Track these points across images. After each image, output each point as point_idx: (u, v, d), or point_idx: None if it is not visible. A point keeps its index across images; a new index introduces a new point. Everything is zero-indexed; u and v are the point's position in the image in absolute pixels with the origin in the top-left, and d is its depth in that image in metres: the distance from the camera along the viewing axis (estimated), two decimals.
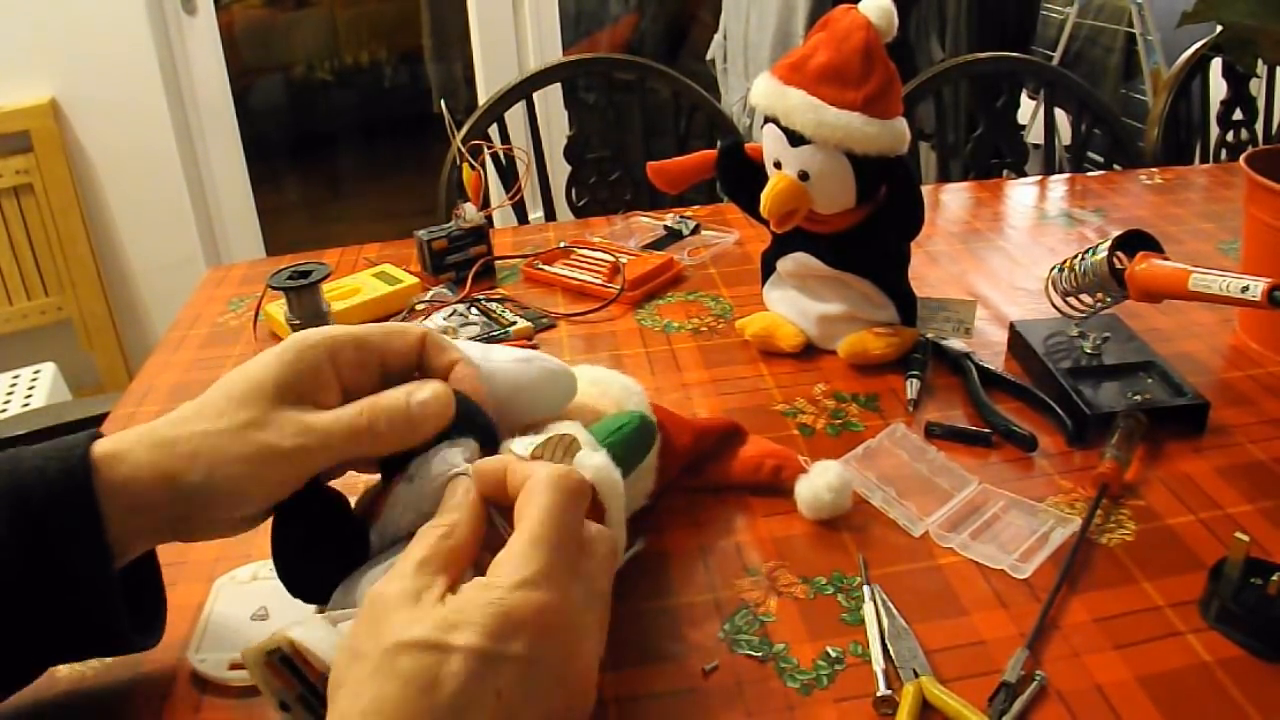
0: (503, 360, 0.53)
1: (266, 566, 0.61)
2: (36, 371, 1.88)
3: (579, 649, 0.40)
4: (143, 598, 0.50)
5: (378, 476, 0.49)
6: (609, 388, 0.62)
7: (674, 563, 0.61)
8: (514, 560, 0.39)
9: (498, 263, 1.06)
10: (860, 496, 0.67)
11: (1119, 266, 0.76)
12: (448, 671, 0.36)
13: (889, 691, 0.51)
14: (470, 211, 1.02)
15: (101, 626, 0.45)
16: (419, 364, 0.50)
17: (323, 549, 0.47)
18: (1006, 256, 1.07)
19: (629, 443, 0.56)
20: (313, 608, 0.48)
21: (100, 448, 0.44)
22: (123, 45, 2.17)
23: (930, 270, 1.02)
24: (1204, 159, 1.64)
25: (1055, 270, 0.83)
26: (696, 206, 1.23)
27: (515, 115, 1.48)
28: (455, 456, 0.46)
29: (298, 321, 0.88)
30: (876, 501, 0.66)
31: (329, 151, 4.10)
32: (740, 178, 0.85)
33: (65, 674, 0.55)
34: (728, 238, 1.12)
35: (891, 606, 0.57)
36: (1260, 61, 1.53)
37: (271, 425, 0.44)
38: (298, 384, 0.46)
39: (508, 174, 1.49)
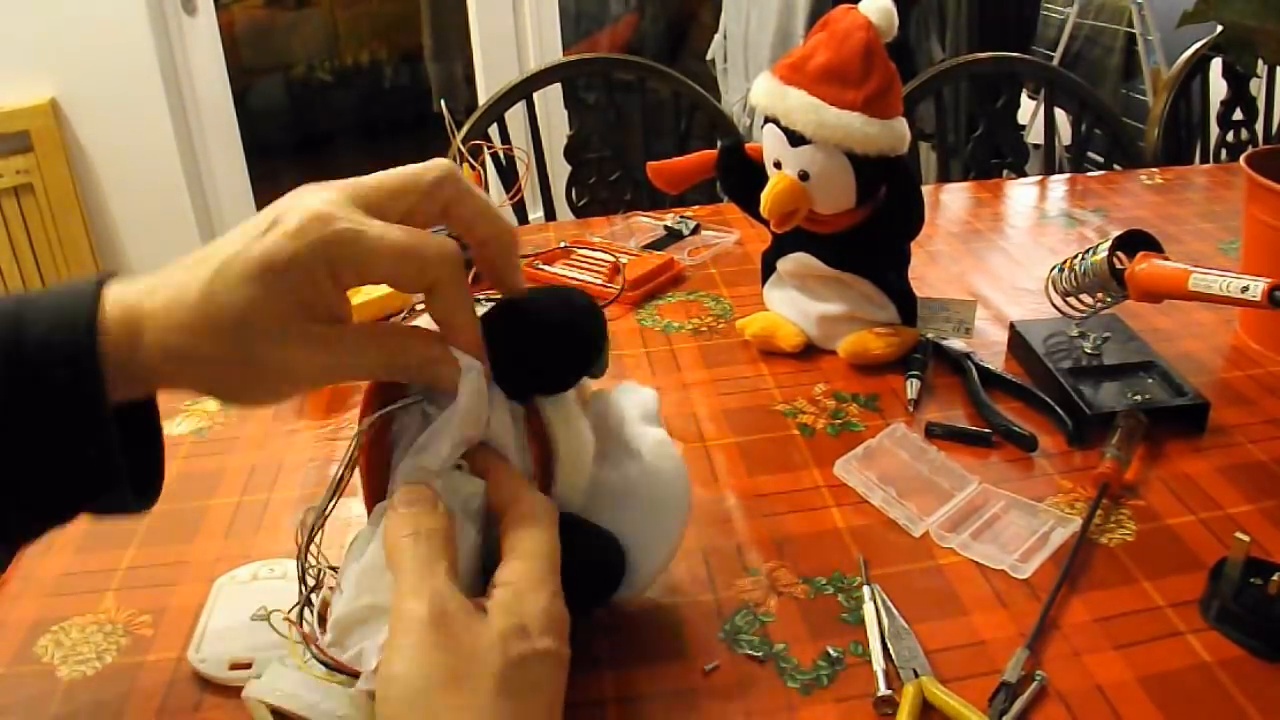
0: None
1: (267, 566, 0.61)
2: None
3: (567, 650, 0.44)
4: (144, 460, 0.47)
5: None
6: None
7: (674, 563, 0.61)
8: (542, 568, 0.43)
9: None
10: (860, 496, 0.67)
11: (1119, 266, 0.76)
12: (545, 676, 0.41)
13: (889, 691, 0.51)
14: None
15: (96, 467, 0.42)
16: (444, 206, 0.46)
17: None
18: (1007, 256, 1.07)
19: None
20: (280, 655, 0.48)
21: (117, 308, 0.42)
22: (123, 45, 2.17)
23: (930, 270, 1.02)
24: (1204, 159, 1.64)
25: (1055, 270, 0.83)
26: (696, 206, 1.23)
27: (515, 115, 1.48)
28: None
29: None
30: (876, 501, 0.66)
31: (329, 151, 4.10)
32: (740, 178, 0.85)
33: (65, 674, 0.55)
34: (728, 238, 1.12)
35: (891, 606, 0.57)
36: (1260, 61, 1.53)
37: (292, 354, 0.42)
38: (301, 300, 0.42)
39: (508, 174, 1.49)
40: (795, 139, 0.76)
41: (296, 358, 0.43)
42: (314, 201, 0.42)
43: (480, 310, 0.48)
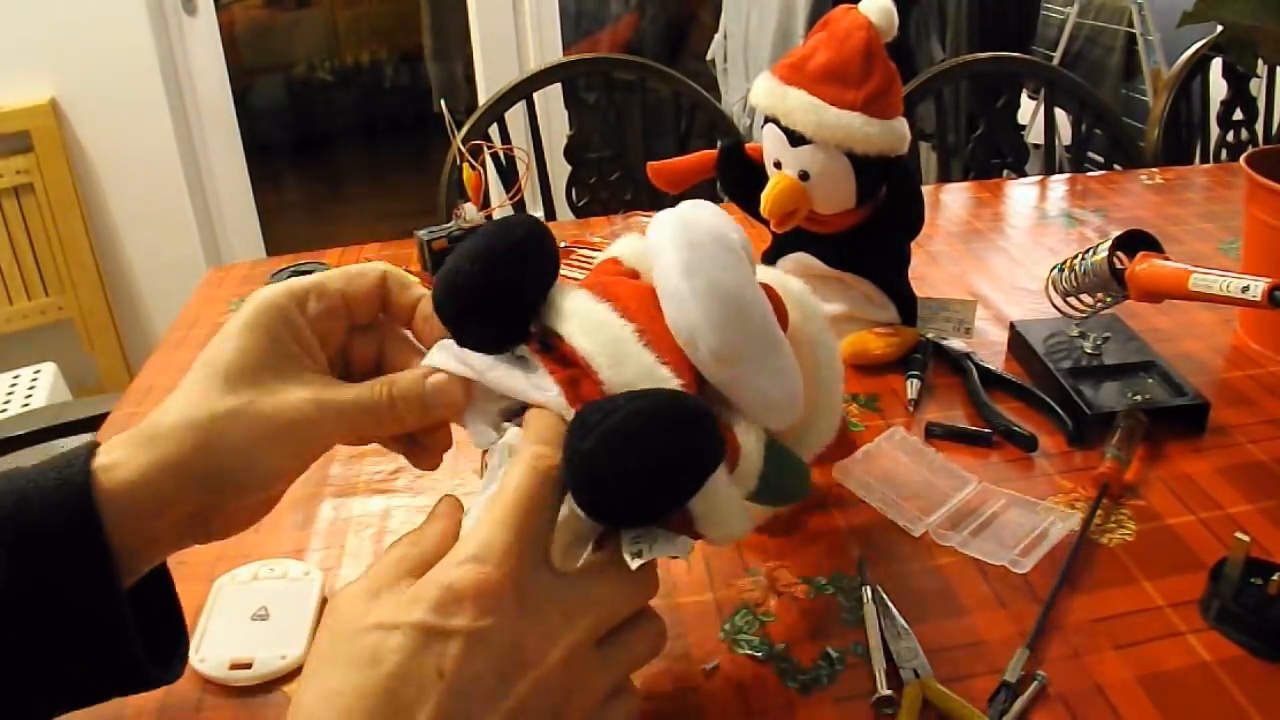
0: None
1: (267, 566, 0.61)
2: (37, 371, 1.88)
3: (543, 633, 0.37)
4: (161, 630, 0.47)
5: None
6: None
7: (674, 563, 0.61)
8: (467, 538, 0.38)
9: None
10: (860, 497, 0.67)
11: (1119, 266, 0.76)
12: (388, 647, 0.35)
13: (889, 691, 0.51)
14: (470, 211, 1.02)
15: (113, 656, 0.41)
16: (384, 304, 0.48)
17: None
18: (1007, 256, 1.07)
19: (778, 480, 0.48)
20: None
21: (98, 459, 0.41)
22: (123, 45, 2.17)
23: (930, 270, 1.02)
24: (1204, 159, 1.64)
25: (1055, 270, 0.83)
26: None
27: (515, 115, 1.48)
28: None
29: None
30: (875, 502, 0.66)
31: (329, 151, 4.10)
32: (740, 178, 0.85)
33: None
34: None
35: (891, 606, 0.57)
36: (1260, 61, 1.53)
37: (281, 400, 0.42)
38: (283, 348, 0.44)
39: (508, 174, 1.49)
40: (795, 139, 0.76)
41: (291, 394, 0.43)
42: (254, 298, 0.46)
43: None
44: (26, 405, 1.77)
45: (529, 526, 0.38)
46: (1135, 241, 0.76)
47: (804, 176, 0.77)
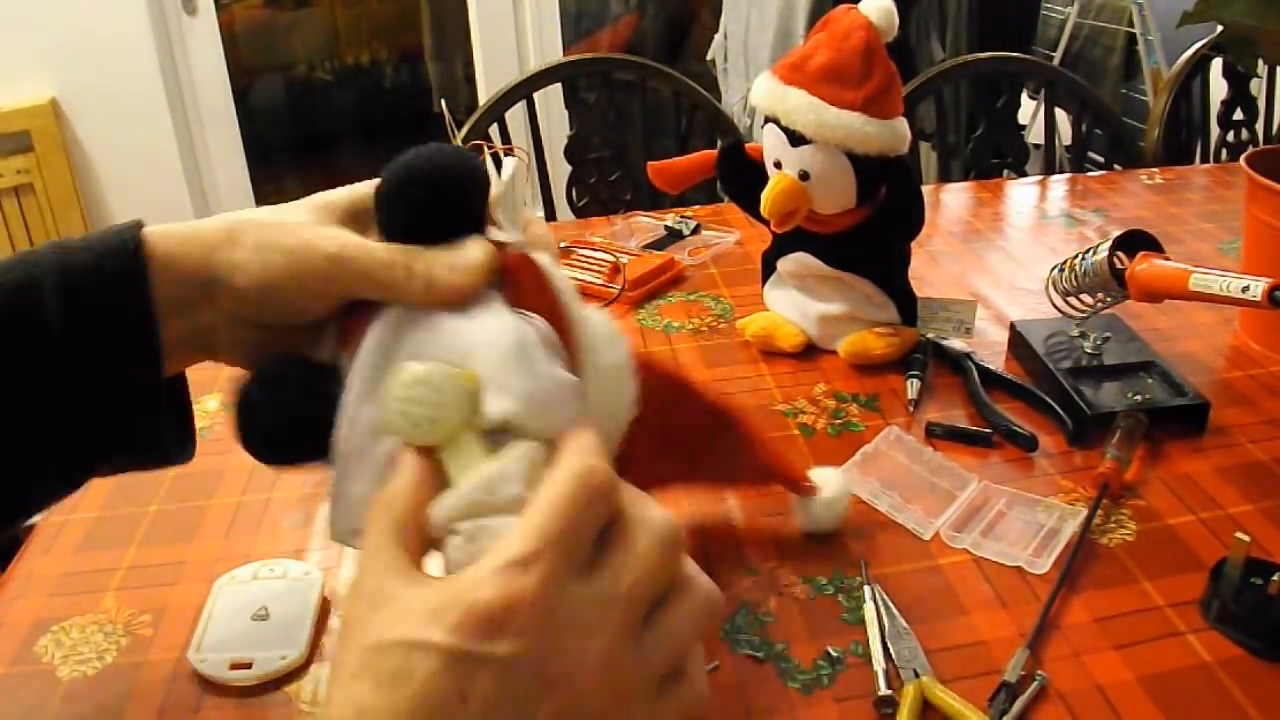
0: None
1: (266, 566, 0.62)
2: None
3: (573, 647, 0.35)
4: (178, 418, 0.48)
5: None
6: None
7: None
8: (501, 546, 0.35)
9: None
10: (860, 498, 0.67)
11: (1119, 266, 0.76)
12: (414, 668, 0.33)
13: (889, 691, 0.51)
14: None
15: (144, 420, 0.44)
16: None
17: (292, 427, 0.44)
18: (1007, 256, 1.07)
19: None
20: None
21: (149, 231, 0.44)
22: (123, 45, 2.17)
23: (930, 270, 1.02)
24: (1204, 159, 1.64)
25: (1056, 270, 0.83)
26: (697, 206, 1.23)
27: (516, 115, 1.48)
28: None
29: None
30: (883, 507, 0.66)
31: (329, 151, 4.10)
32: (740, 178, 0.85)
33: (65, 674, 0.55)
34: (728, 238, 1.12)
35: (891, 606, 0.57)
36: (1260, 61, 1.53)
37: (321, 231, 0.44)
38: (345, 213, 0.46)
39: None
40: (795, 139, 0.76)
41: (318, 240, 0.44)
42: None
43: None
44: None
45: (566, 537, 0.35)
46: (1135, 241, 0.76)
47: (804, 176, 0.77)
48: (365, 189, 0.47)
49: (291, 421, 0.44)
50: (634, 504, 0.38)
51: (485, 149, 0.52)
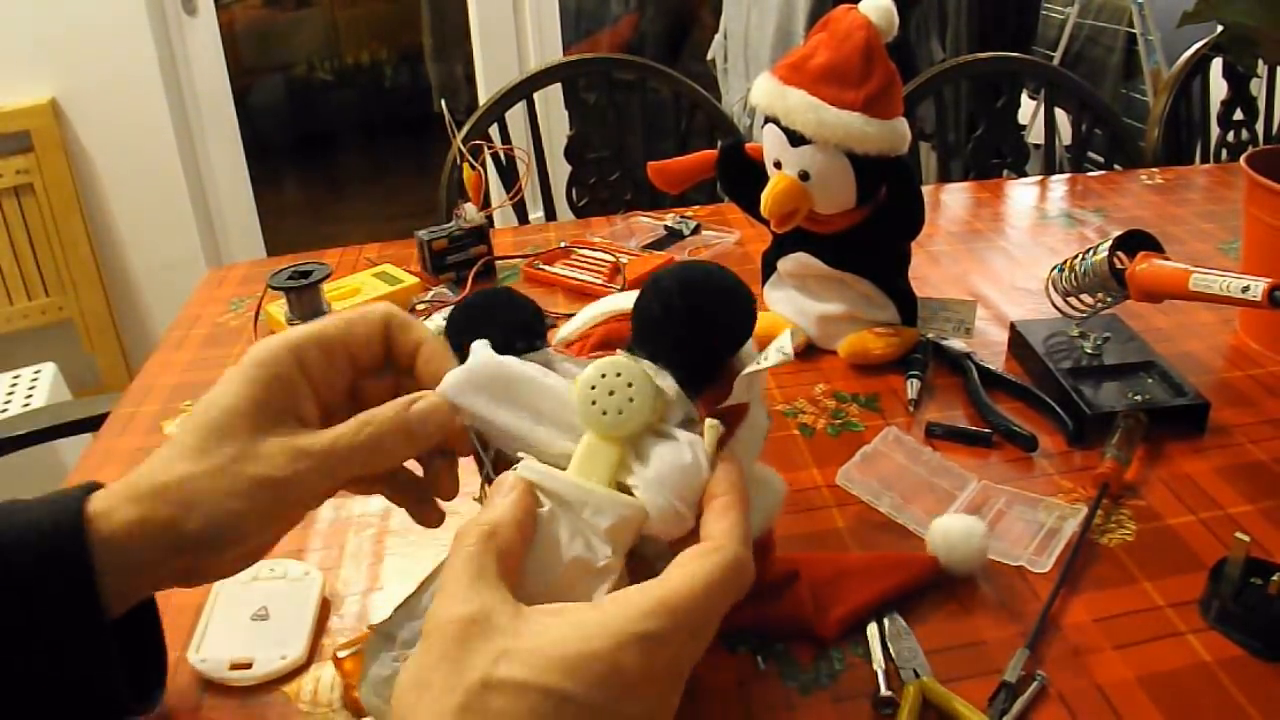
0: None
1: (267, 566, 0.61)
2: (37, 371, 1.88)
3: (671, 705, 0.37)
4: (142, 657, 0.47)
5: (372, 498, 0.46)
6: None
7: None
8: (644, 609, 0.35)
9: (498, 263, 1.06)
10: (859, 499, 0.67)
11: (1119, 266, 0.76)
12: (543, 716, 0.33)
13: (889, 692, 0.51)
14: (471, 211, 1.02)
15: (96, 691, 0.41)
16: (387, 346, 0.46)
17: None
18: (1007, 256, 1.07)
19: None
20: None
21: (92, 504, 0.41)
22: (123, 45, 2.17)
23: (930, 270, 1.02)
24: (1204, 159, 1.64)
25: (1056, 270, 0.83)
26: (697, 206, 1.23)
27: (516, 115, 1.48)
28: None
29: (298, 321, 0.88)
30: (883, 507, 0.66)
31: (329, 151, 4.10)
32: (740, 178, 0.85)
33: None
34: (728, 238, 1.12)
35: (892, 607, 0.57)
36: (1260, 61, 1.53)
37: (262, 456, 0.41)
38: (272, 403, 0.43)
39: (508, 174, 1.49)
40: (795, 139, 0.76)
41: (270, 448, 0.41)
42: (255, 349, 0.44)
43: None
44: (27, 405, 1.77)
45: (696, 625, 0.36)
46: (1135, 241, 0.76)
47: (804, 176, 0.77)
48: (254, 374, 0.43)
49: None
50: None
51: (485, 149, 0.52)
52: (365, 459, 0.43)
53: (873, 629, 0.55)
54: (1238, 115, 1.65)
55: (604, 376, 0.40)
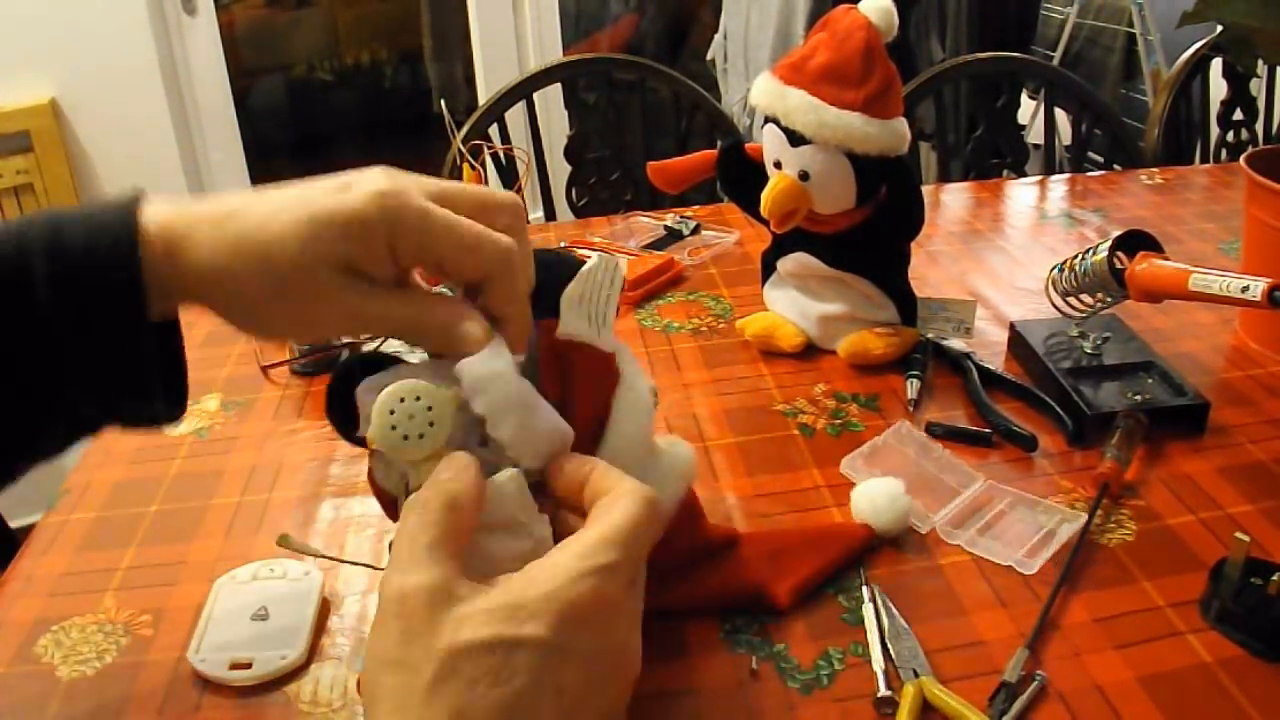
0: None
1: (267, 566, 0.61)
2: None
3: (631, 644, 0.40)
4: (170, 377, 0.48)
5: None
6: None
7: None
8: (584, 549, 0.38)
9: None
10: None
11: (1119, 266, 0.76)
12: (513, 666, 0.35)
13: (889, 692, 0.51)
14: None
15: (135, 383, 0.44)
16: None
17: None
18: (1007, 256, 1.07)
19: None
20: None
21: (157, 219, 0.43)
22: (123, 45, 2.17)
23: (930, 270, 1.02)
24: (1204, 159, 1.64)
25: (1055, 270, 0.83)
26: (696, 206, 1.23)
27: (515, 115, 1.48)
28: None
29: None
30: None
31: (329, 152, 4.09)
32: (740, 178, 0.85)
33: (65, 674, 0.55)
34: (728, 238, 1.12)
35: (891, 606, 0.57)
36: (1260, 61, 1.53)
37: (325, 296, 0.42)
38: (348, 256, 0.43)
39: (508, 174, 1.49)
40: (795, 139, 0.76)
41: (327, 302, 0.43)
42: (388, 178, 0.43)
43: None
44: None
45: (634, 555, 0.39)
46: (1135, 241, 0.76)
47: (804, 176, 0.77)
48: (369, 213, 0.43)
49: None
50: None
51: (485, 149, 0.53)
52: (407, 337, 0.45)
53: (873, 629, 0.55)
54: (1238, 115, 1.65)
55: (402, 401, 0.40)
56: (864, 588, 0.58)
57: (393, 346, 0.48)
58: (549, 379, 0.47)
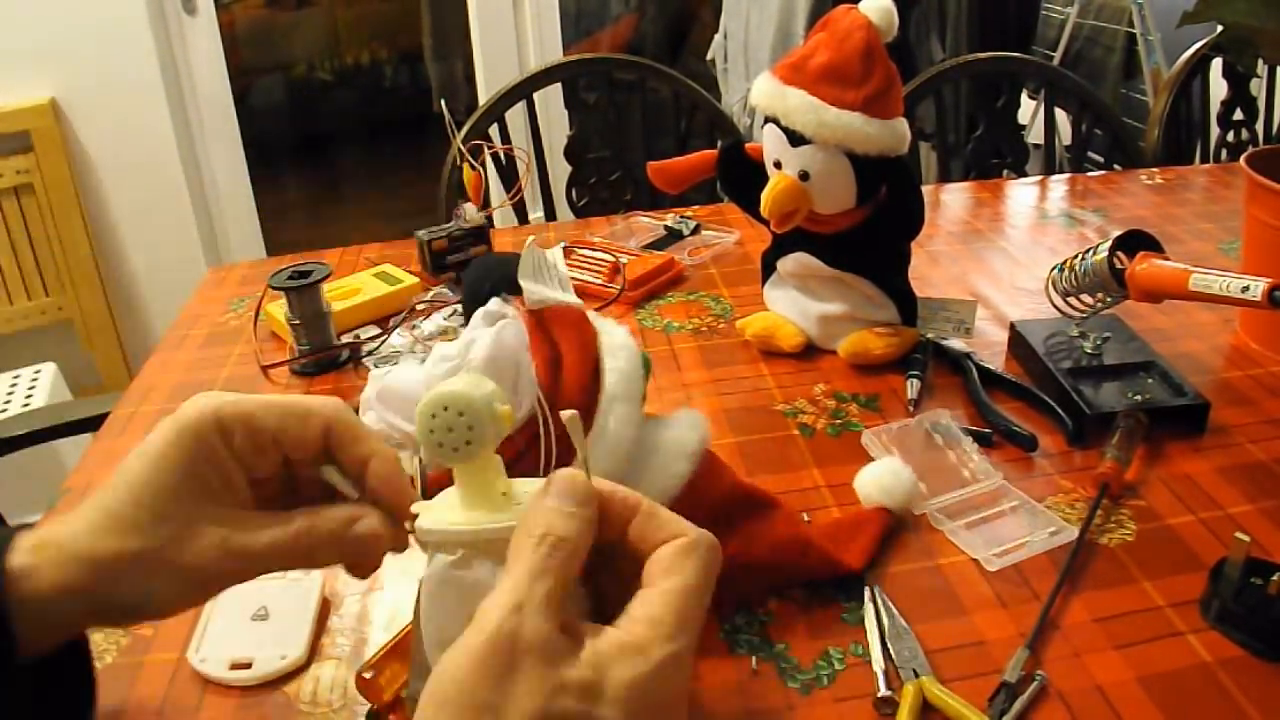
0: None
1: None
2: (37, 371, 1.88)
3: (681, 696, 0.37)
4: (73, 683, 0.46)
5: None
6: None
7: None
8: (667, 630, 0.35)
9: None
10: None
11: (1119, 266, 0.76)
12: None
13: (889, 691, 0.51)
14: (471, 211, 1.02)
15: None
16: (329, 452, 0.44)
17: None
18: (1007, 256, 1.07)
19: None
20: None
21: (11, 558, 0.40)
22: (123, 45, 2.17)
23: (930, 270, 1.02)
24: (1204, 159, 1.64)
25: (1056, 270, 0.83)
26: (697, 206, 1.23)
27: (515, 115, 1.48)
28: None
29: (298, 321, 0.88)
30: None
31: (329, 151, 4.10)
32: (740, 178, 0.85)
33: None
34: (728, 238, 1.12)
35: (891, 606, 0.57)
36: (1260, 61, 1.53)
37: (194, 546, 0.40)
38: (199, 474, 0.41)
39: (508, 174, 1.49)
40: (795, 139, 0.76)
41: (202, 539, 0.41)
42: (187, 405, 0.43)
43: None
44: (26, 405, 1.77)
45: (699, 620, 0.37)
46: (1135, 241, 0.76)
47: (804, 176, 0.77)
48: (181, 442, 0.42)
49: None
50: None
51: (485, 149, 0.53)
52: (297, 564, 0.43)
53: (873, 629, 0.55)
54: (1238, 115, 1.65)
55: (445, 409, 0.40)
56: (864, 588, 0.58)
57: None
58: (536, 343, 0.52)
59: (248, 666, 0.54)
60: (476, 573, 0.39)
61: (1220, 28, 0.90)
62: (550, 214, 1.58)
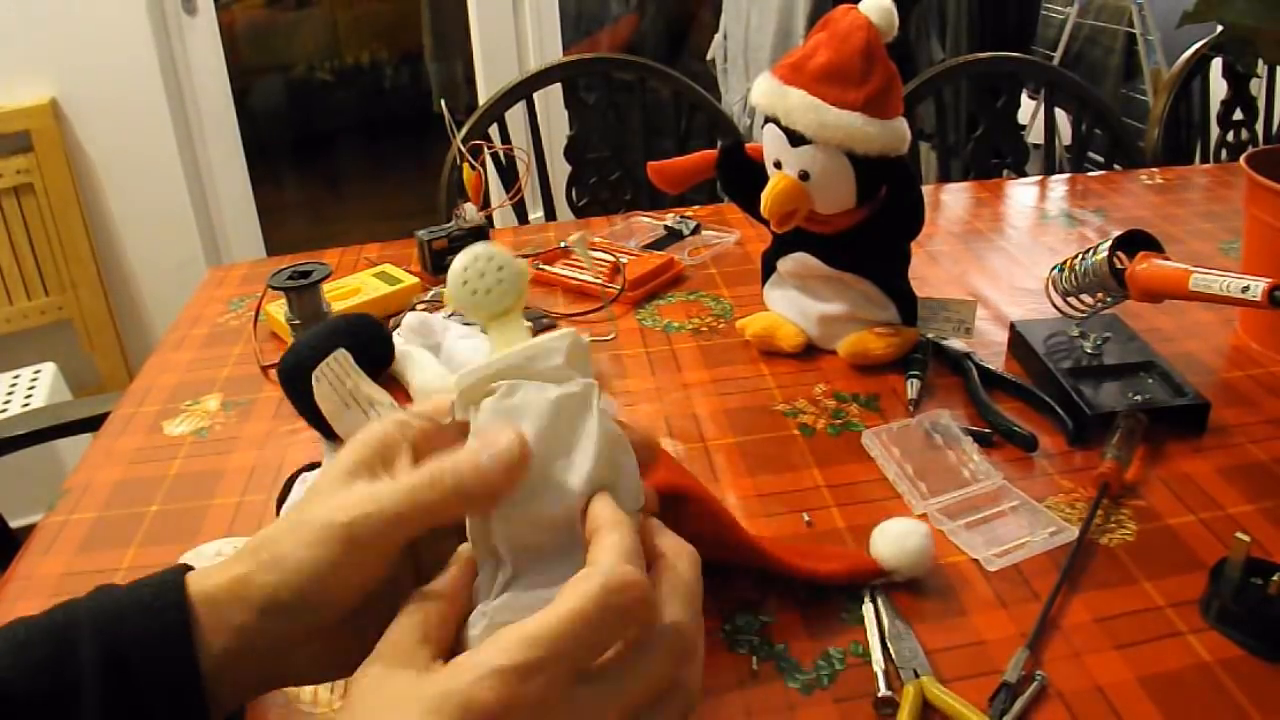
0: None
1: None
2: (37, 371, 1.88)
3: None
4: None
5: None
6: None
7: None
8: (505, 642, 0.34)
9: None
10: (862, 496, 0.67)
11: (1119, 266, 0.76)
12: None
13: (889, 692, 0.51)
14: (470, 211, 1.02)
15: None
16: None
17: None
18: (1007, 256, 1.07)
19: None
20: None
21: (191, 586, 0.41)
22: (123, 45, 2.17)
23: (930, 270, 1.02)
24: (1204, 159, 1.64)
25: (1056, 270, 0.83)
26: (697, 206, 1.23)
27: (515, 115, 1.48)
28: None
29: (298, 321, 0.88)
30: (889, 475, 0.67)
31: (329, 151, 4.10)
32: (740, 178, 0.85)
33: None
34: (728, 238, 1.12)
35: (892, 606, 0.57)
36: (1260, 61, 1.53)
37: (328, 503, 0.39)
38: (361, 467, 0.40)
39: (508, 174, 1.49)
40: (795, 139, 0.76)
41: (351, 496, 0.39)
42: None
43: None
44: (26, 405, 1.77)
45: (581, 651, 0.34)
46: (1135, 241, 0.76)
47: (804, 176, 0.77)
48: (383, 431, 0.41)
49: None
50: (666, 601, 0.37)
51: (485, 149, 0.53)
52: (437, 509, 0.39)
53: (873, 629, 0.55)
54: (1238, 115, 1.65)
55: (475, 259, 0.41)
56: (864, 588, 0.58)
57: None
58: None
59: None
60: (525, 396, 0.39)
61: (1220, 28, 0.90)
62: (550, 214, 1.58)
